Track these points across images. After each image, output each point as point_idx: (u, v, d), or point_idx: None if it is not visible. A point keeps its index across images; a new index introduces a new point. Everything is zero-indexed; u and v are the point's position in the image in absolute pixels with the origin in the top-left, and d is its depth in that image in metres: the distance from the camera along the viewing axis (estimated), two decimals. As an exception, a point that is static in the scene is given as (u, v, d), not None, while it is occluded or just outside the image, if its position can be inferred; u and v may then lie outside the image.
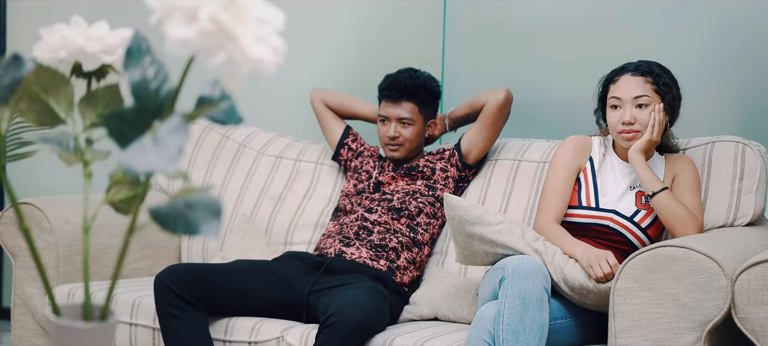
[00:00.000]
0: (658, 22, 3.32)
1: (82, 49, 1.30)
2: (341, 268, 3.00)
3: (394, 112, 3.22)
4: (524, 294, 2.38)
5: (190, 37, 1.01)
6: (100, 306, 1.19)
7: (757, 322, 2.23)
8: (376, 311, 2.74)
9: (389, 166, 3.26)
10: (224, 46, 1.03)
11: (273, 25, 1.08)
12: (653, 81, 2.71)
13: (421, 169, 3.20)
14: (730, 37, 3.22)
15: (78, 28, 1.31)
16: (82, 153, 1.21)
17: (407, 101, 3.22)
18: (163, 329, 2.82)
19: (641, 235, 2.72)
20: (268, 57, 1.04)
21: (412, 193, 3.15)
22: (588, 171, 2.80)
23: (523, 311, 2.36)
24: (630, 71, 2.75)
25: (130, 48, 1.12)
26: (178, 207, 1.08)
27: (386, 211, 3.12)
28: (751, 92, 3.21)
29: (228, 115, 1.16)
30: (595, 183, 2.78)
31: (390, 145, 3.23)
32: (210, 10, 1.02)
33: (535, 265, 2.44)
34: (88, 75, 1.34)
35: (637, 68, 2.75)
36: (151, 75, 1.13)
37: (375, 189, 3.22)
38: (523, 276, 2.40)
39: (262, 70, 1.04)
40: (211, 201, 1.08)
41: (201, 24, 1.01)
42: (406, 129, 3.21)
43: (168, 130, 1.03)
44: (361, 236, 3.09)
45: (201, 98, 1.13)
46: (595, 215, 2.73)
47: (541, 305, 2.39)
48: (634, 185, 2.77)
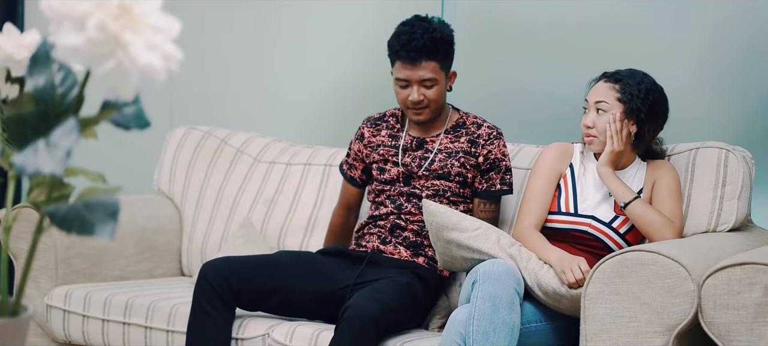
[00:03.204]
0: (656, 26, 3.32)
1: (11, 56, 1.36)
2: (384, 260, 2.95)
3: (415, 75, 2.93)
4: (495, 296, 2.40)
5: (79, 44, 1.05)
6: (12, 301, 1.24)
7: (723, 326, 2.24)
8: (395, 310, 2.70)
9: (412, 146, 3.04)
10: (114, 54, 1.07)
11: (168, 33, 1.12)
12: (619, 89, 2.72)
13: (453, 175, 2.98)
14: (727, 41, 3.21)
15: (9, 36, 1.37)
16: (8, 156, 1.26)
17: (428, 60, 2.93)
18: (191, 321, 2.82)
19: (620, 240, 2.73)
20: (157, 64, 1.08)
21: (443, 192, 2.99)
22: (568, 177, 2.82)
23: (493, 312, 2.39)
24: (606, 77, 2.78)
25: (37, 54, 1.17)
26: (76, 208, 1.12)
27: (419, 209, 2.98)
28: (749, 97, 3.20)
29: (134, 119, 1.21)
30: (574, 189, 2.80)
31: (414, 109, 2.97)
32: (99, 18, 1.06)
33: (507, 268, 2.46)
34: (21, 80, 1.40)
35: (612, 76, 2.77)
36: (58, 81, 1.18)
37: (405, 182, 3.02)
38: (493, 279, 2.42)
39: (152, 77, 1.08)
40: (108, 202, 1.12)
41: (88, 32, 1.05)
42: (430, 90, 2.94)
43: (60, 134, 1.08)
44: (396, 232, 3.00)
45: (105, 103, 1.18)
46: (574, 221, 2.75)
47: (512, 307, 2.42)
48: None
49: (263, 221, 3.47)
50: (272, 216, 3.47)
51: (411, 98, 2.94)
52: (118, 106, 1.17)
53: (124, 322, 3.07)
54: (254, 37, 4.06)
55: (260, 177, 3.57)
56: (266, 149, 3.64)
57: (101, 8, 1.07)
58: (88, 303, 3.14)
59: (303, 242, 3.39)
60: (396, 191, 3.03)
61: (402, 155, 3.05)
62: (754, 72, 3.18)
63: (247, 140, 3.68)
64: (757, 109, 3.20)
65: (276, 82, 4.03)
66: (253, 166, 3.61)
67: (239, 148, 3.66)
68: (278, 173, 3.55)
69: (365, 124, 3.17)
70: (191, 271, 3.56)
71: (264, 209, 3.49)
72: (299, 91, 3.96)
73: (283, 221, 3.45)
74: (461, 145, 3.01)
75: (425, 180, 3.01)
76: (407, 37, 2.92)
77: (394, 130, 3.10)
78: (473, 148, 3.00)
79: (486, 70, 3.59)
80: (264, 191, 3.53)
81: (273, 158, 3.60)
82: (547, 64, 3.49)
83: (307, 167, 3.51)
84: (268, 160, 3.60)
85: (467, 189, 3.02)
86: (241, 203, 3.54)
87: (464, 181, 3.00)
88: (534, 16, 3.51)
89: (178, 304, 3.00)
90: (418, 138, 3.06)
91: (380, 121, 3.15)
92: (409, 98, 2.94)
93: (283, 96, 4.01)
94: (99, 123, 1.15)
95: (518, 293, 2.46)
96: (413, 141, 3.06)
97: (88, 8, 1.07)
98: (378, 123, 3.14)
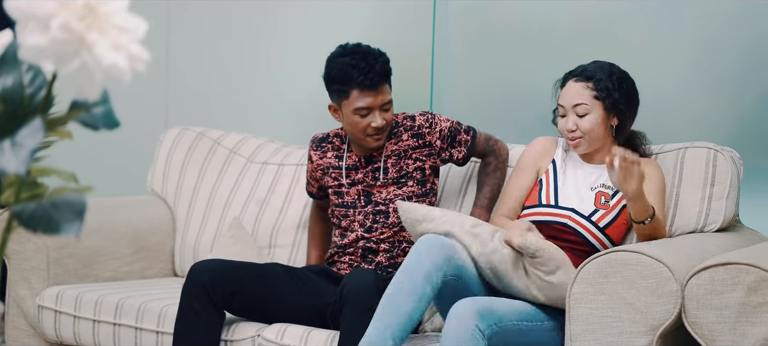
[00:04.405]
0: (652, 28, 3.31)
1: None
2: None
3: (377, 100, 2.93)
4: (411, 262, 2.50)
5: (43, 44, 1.07)
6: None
7: (706, 326, 2.25)
8: (386, 279, 2.70)
9: (361, 162, 3.04)
10: (78, 54, 1.08)
11: (134, 34, 1.13)
12: (593, 86, 2.73)
13: (411, 172, 3.01)
14: (724, 43, 3.20)
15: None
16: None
17: (384, 84, 2.94)
18: (179, 319, 2.83)
19: (599, 234, 2.73)
20: (122, 64, 1.09)
21: (408, 198, 3.00)
22: (550, 172, 2.84)
23: (403, 274, 2.49)
24: (575, 76, 2.77)
25: (5, 54, 1.18)
26: (43, 207, 1.13)
27: (387, 227, 3.00)
28: (747, 99, 3.18)
29: (103, 119, 1.22)
30: (555, 183, 2.81)
31: (376, 135, 2.96)
32: (64, 18, 1.07)
33: (436, 241, 2.53)
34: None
35: (581, 73, 2.76)
36: (27, 81, 1.19)
37: (367, 199, 3.03)
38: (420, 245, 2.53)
39: (117, 77, 1.09)
40: (75, 201, 1.12)
41: (53, 32, 1.06)
42: (387, 113, 2.94)
43: (26, 134, 1.09)
44: (368, 258, 3.01)
45: (74, 103, 1.19)
46: (554, 213, 2.77)
47: (427, 278, 2.48)
48: (594, 186, 2.79)
49: (255, 221, 3.48)
50: (264, 216, 3.48)
51: (374, 124, 2.92)
52: (87, 106, 1.18)
53: (114, 323, 3.08)
54: (250, 36, 4.06)
55: (253, 177, 3.58)
56: (259, 150, 3.65)
57: (66, 8, 1.08)
58: (79, 304, 3.15)
59: (294, 241, 3.40)
60: (360, 214, 3.02)
61: (354, 174, 3.05)
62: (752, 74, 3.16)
63: (240, 141, 3.69)
64: (754, 111, 3.18)
65: (273, 81, 4.04)
66: (245, 167, 3.62)
67: (232, 149, 3.67)
68: (270, 174, 3.56)
69: (311, 146, 3.16)
70: (184, 271, 3.56)
71: (256, 208, 3.51)
72: (296, 91, 3.97)
73: (274, 220, 3.46)
74: (405, 143, 3.01)
75: (386, 192, 3.01)
76: (365, 66, 2.90)
77: (340, 152, 3.09)
78: (420, 140, 3.01)
79: (480, 72, 3.59)
80: (256, 191, 3.55)
81: (266, 159, 3.61)
82: (541, 65, 3.48)
83: (299, 168, 3.52)
84: (261, 161, 3.61)
85: (428, 184, 3.03)
86: (234, 203, 3.55)
87: (423, 176, 3.02)
88: (528, 17, 3.51)
89: (169, 305, 3.01)
90: (365, 155, 3.05)
91: (325, 142, 3.13)
92: (373, 124, 2.92)
93: (281, 95, 4.02)
94: (66, 123, 1.16)
95: (443, 271, 2.50)
96: (360, 159, 3.05)
97: (53, 8, 1.08)
98: (323, 144, 3.13)
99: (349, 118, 2.95)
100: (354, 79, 2.91)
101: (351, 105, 2.93)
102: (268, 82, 4.05)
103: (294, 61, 3.97)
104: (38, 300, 3.24)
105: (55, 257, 3.27)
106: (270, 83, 4.05)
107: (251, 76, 4.08)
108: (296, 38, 3.96)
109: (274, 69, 4.03)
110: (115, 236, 3.43)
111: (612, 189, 2.76)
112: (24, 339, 3.32)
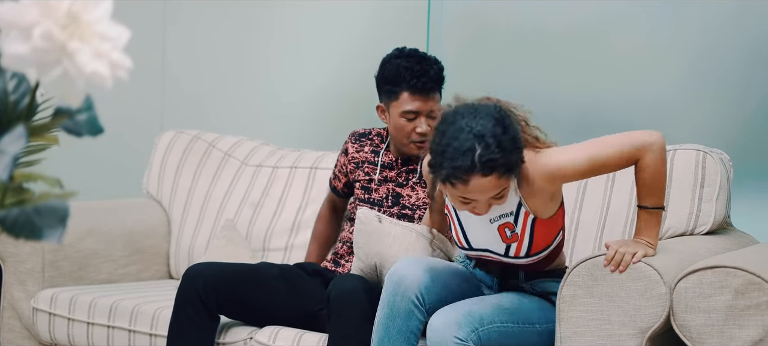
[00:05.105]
0: (648, 29, 3.30)
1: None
2: None
3: (426, 106, 2.89)
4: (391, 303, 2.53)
5: (25, 53, 1.08)
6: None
7: (694, 329, 2.26)
8: (375, 289, 2.67)
9: (397, 162, 3.01)
10: (60, 62, 1.09)
11: (117, 42, 1.14)
12: (500, 174, 2.30)
13: None
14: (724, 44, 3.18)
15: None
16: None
17: (435, 91, 2.91)
18: (173, 323, 2.84)
19: (527, 260, 2.53)
20: (104, 72, 1.10)
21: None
22: (450, 208, 2.58)
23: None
24: (478, 173, 2.30)
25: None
26: (26, 212, 1.14)
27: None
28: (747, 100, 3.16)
29: (87, 125, 1.23)
30: (460, 222, 2.56)
31: (418, 142, 2.89)
32: (46, 27, 1.08)
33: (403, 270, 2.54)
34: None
35: (471, 168, 2.29)
36: (11, 88, 1.20)
37: (394, 202, 2.98)
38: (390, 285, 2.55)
39: (99, 85, 1.10)
40: (58, 206, 1.14)
41: (34, 41, 1.07)
42: (433, 122, 2.67)
43: (8, 141, 1.10)
44: None
45: (57, 109, 1.20)
46: (475, 254, 2.61)
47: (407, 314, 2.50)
48: (493, 219, 2.49)
49: (249, 224, 3.49)
50: (258, 218, 3.49)
51: (419, 130, 2.89)
52: (71, 113, 1.20)
53: (108, 325, 3.10)
54: (247, 38, 4.08)
55: (247, 180, 3.60)
56: (253, 153, 3.67)
57: (48, 17, 1.09)
58: (73, 306, 3.17)
59: (288, 243, 3.41)
60: (386, 213, 2.94)
61: (388, 172, 3.03)
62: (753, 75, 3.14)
63: (234, 144, 3.71)
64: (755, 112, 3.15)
65: (269, 84, 4.05)
66: (240, 170, 3.63)
67: (227, 152, 3.69)
68: (265, 176, 3.57)
69: (350, 139, 3.15)
70: (179, 274, 3.58)
71: (250, 211, 3.52)
72: (292, 93, 3.98)
73: (268, 223, 3.47)
74: None
75: (415, 196, 2.97)
76: (419, 69, 2.88)
77: (378, 149, 3.08)
78: None
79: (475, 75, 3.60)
80: (250, 193, 3.56)
81: (260, 162, 3.63)
82: (536, 68, 3.49)
83: (292, 170, 3.53)
84: (255, 164, 3.62)
85: None
86: (228, 206, 3.57)
87: None
88: (523, 20, 3.51)
89: (162, 307, 3.03)
90: (402, 156, 3.02)
91: (364, 137, 3.13)
92: (417, 130, 2.89)
93: (277, 98, 4.04)
94: (50, 130, 1.18)
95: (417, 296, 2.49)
96: (397, 159, 3.03)
97: (35, 17, 1.09)
98: (362, 139, 3.12)
99: (395, 121, 2.94)
100: (406, 80, 2.89)
101: (399, 107, 2.92)
102: (263, 84, 4.06)
103: (289, 64, 3.99)
104: (33, 302, 3.25)
105: (51, 260, 3.29)
106: (265, 86, 4.07)
107: (247, 78, 4.09)
108: (292, 42, 3.97)
109: (270, 72, 4.05)
110: (110, 238, 3.45)
111: (510, 214, 2.47)
112: (19, 341, 3.34)
